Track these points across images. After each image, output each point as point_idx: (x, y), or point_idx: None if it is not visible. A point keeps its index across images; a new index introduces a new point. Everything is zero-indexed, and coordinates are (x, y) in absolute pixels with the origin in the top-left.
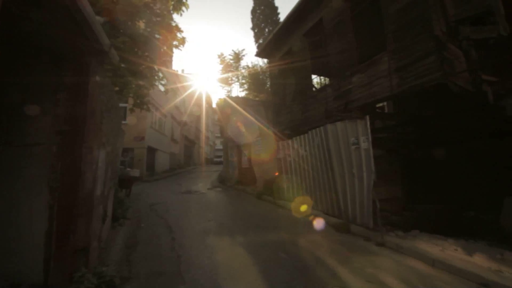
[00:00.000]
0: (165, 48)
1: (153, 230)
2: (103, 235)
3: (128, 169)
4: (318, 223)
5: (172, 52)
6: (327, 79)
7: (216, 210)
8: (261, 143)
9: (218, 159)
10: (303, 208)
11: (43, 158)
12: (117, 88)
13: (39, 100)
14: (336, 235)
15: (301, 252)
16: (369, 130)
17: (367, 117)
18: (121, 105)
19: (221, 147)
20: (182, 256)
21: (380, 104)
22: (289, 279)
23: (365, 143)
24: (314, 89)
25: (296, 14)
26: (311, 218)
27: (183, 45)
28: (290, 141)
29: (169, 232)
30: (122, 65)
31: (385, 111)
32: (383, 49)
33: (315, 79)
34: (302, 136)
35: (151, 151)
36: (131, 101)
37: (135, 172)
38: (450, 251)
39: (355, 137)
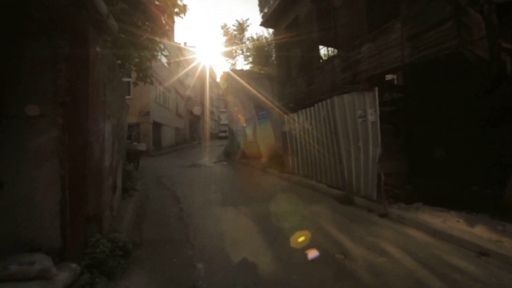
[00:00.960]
0: (165, 16)
1: (161, 201)
2: (115, 205)
3: (135, 143)
4: (322, 195)
5: (173, 21)
6: (334, 51)
7: (221, 183)
8: (266, 116)
9: (223, 134)
10: (308, 180)
11: (50, 130)
12: (119, 61)
13: (40, 72)
14: (339, 206)
15: (303, 221)
16: (377, 103)
17: (376, 89)
18: (124, 79)
19: (226, 122)
20: (190, 225)
21: (389, 77)
22: (292, 247)
23: (372, 116)
24: (320, 60)
25: None
26: (315, 190)
27: (185, 14)
28: (295, 114)
29: (176, 203)
30: (122, 36)
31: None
32: (395, 16)
33: (322, 50)
34: (308, 109)
35: (157, 126)
36: (134, 75)
37: (142, 146)
38: (452, 223)
39: (362, 110)
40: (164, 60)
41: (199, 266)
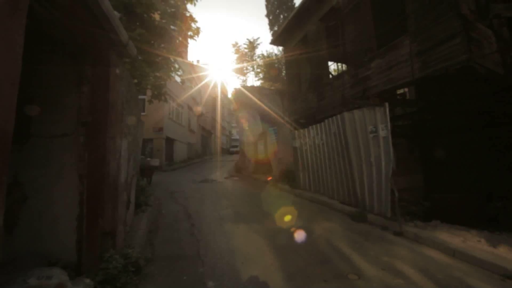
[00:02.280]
0: (180, 39)
1: (173, 216)
2: (128, 220)
3: (149, 158)
4: (334, 212)
5: (187, 42)
6: (344, 66)
7: (232, 198)
8: (277, 132)
9: (235, 149)
10: (319, 196)
11: (72, 148)
12: (135, 81)
13: (65, 93)
14: (352, 223)
15: (316, 239)
16: (388, 118)
17: (386, 104)
18: (140, 97)
19: (237, 137)
20: (201, 241)
21: (401, 91)
22: (304, 265)
23: (383, 131)
24: (330, 76)
25: None
26: (326, 206)
27: (198, 35)
28: (306, 130)
29: (188, 219)
30: (140, 57)
31: (407, 98)
32: (403, 32)
33: (332, 66)
34: (318, 124)
35: (169, 141)
36: (149, 92)
37: (155, 162)
38: (473, 242)
39: (374, 125)
40: (177, 78)
41: (209, 284)
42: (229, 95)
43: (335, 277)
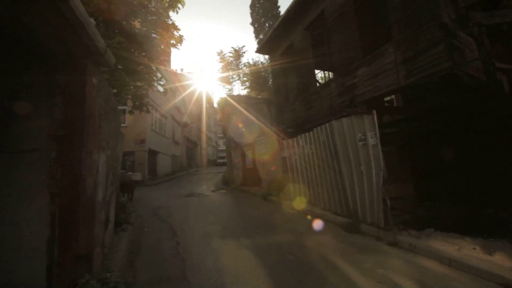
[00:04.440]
0: (162, 47)
1: (157, 234)
2: (106, 241)
3: (130, 173)
4: (326, 223)
5: (170, 51)
6: (331, 74)
7: (220, 213)
8: (264, 142)
9: (222, 160)
10: (310, 207)
11: (42, 164)
12: (114, 90)
13: (34, 104)
14: (345, 235)
15: (309, 253)
16: (376, 126)
17: (374, 112)
18: (120, 107)
19: (224, 147)
20: (187, 260)
21: (389, 98)
22: (296, 283)
23: (373, 139)
24: (317, 84)
25: (296, 6)
26: (318, 218)
27: (181, 44)
28: (294, 139)
29: (173, 236)
30: (119, 66)
31: (394, 105)
32: (388, 40)
33: (319, 73)
34: (306, 133)
35: (152, 153)
36: (129, 103)
37: (137, 176)
38: (468, 250)
39: (362, 133)
40: (160, 88)
41: None
42: (215, 105)
43: None
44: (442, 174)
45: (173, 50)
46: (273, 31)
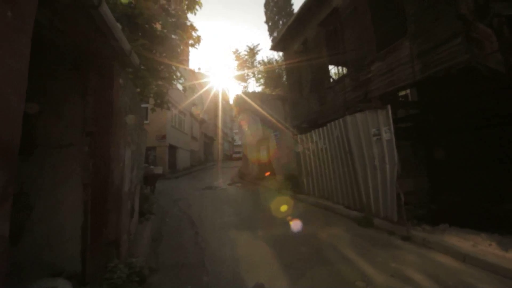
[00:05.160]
0: (181, 47)
1: (177, 224)
2: (132, 229)
3: (152, 166)
4: (339, 217)
5: (189, 50)
6: (344, 70)
7: (236, 205)
8: (279, 137)
9: (237, 155)
10: (324, 201)
11: (76, 158)
12: (138, 89)
13: (70, 104)
14: (358, 229)
15: (322, 246)
16: (391, 120)
17: (389, 107)
18: (143, 105)
19: (239, 143)
20: (205, 249)
21: (403, 93)
22: (310, 273)
23: (387, 134)
24: (331, 80)
25: (310, 3)
26: (332, 212)
27: (199, 44)
28: (308, 135)
29: (192, 227)
30: (142, 67)
31: (409, 100)
32: (403, 34)
33: (332, 69)
34: (320, 129)
35: (172, 149)
36: (151, 101)
37: (159, 170)
38: (483, 246)
39: (377, 128)
40: (179, 85)
41: None
42: (231, 102)
43: (342, 284)
44: (458, 169)
45: (191, 49)
46: (287, 28)
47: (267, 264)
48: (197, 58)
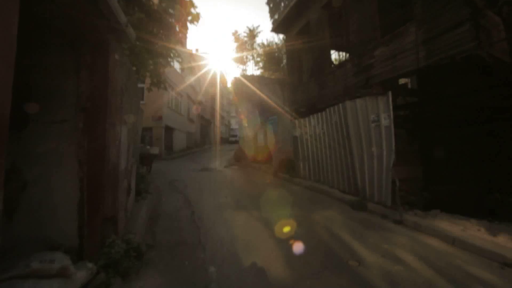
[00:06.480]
0: (180, 24)
1: (173, 204)
2: (129, 207)
3: (148, 147)
4: (334, 200)
5: (187, 28)
6: (346, 56)
7: (232, 187)
8: (277, 121)
9: (234, 138)
10: (319, 185)
11: (71, 134)
12: (134, 68)
13: (64, 79)
14: (352, 212)
15: (316, 227)
16: (391, 107)
17: (389, 93)
18: (139, 85)
19: (236, 126)
20: (202, 228)
21: (403, 81)
22: (304, 253)
23: (386, 120)
24: (332, 65)
25: None
26: (326, 195)
27: (198, 21)
28: (307, 119)
29: (188, 206)
30: (138, 43)
31: (409, 88)
32: (409, 19)
33: (333, 55)
34: (319, 113)
35: (169, 130)
36: (148, 81)
37: (155, 150)
38: (472, 231)
39: (376, 114)
40: (177, 66)
41: (211, 269)
42: (229, 85)
43: (335, 264)
44: (451, 159)
45: (190, 30)
46: (289, 10)
47: (262, 243)
48: (195, 40)
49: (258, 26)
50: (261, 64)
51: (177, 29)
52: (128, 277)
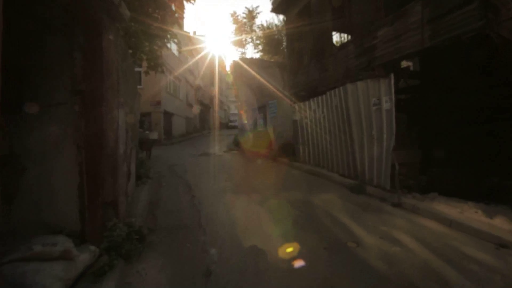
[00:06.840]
0: (176, 3)
1: (173, 188)
2: (129, 191)
3: (147, 132)
4: (333, 184)
5: (184, 8)
6: (347, 38)
7: (232, 171)
8: (276, 105)
9: (233, 124)
10: (319, 169)
11: (67, 118)
12: (130, 51)
13: (58, 61)
14: (351, 195)
15: (315, 210)
16: (392, 90)
17: (392, 76)
18: (136, 69)
19: (236, 111)
20: (202, 211)
21: (405, 65)
22: (303, 234)
23: (387, 104)
24: (334, 47)
25: None
26: (326, 179)
27: (195, 0)
28: (307, 103)
29: (189, 191)
30: (133, 24)
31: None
32: None
33: (335, 36)
34: (319, 97)
35: (168, 115)
36: (145, 64)
37: (154, 135)
38: (469, 213)
39: (377, 98)
40: (174, 48)
41: (212, 251)
42: (228, 69)
43: (334, 245)
44: (450, 144)
45: (186, 10)
46: None
47: (262, 226)
48: (193, 22)
49: (258, 6)
50: (260, 47)
51: (173, 8)
52: (130, 259)
